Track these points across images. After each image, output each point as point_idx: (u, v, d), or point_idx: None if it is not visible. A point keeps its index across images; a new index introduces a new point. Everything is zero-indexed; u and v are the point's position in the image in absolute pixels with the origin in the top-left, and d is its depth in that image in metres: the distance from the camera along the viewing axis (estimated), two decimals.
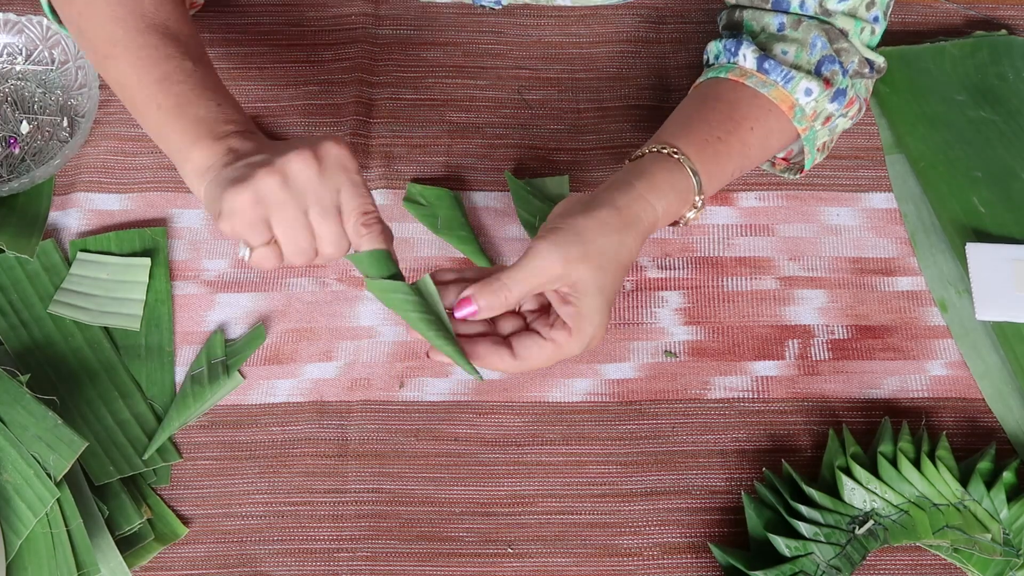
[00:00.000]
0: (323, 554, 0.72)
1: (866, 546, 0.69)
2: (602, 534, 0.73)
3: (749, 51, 0.76)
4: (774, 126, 0.76)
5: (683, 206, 0.71)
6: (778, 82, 0.75)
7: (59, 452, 0.67)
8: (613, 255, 0.66)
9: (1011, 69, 0.92)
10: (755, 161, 0.77)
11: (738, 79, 0.76)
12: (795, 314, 0.81)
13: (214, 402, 0.76)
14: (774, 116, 0.75)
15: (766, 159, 0.79)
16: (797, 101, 0.75)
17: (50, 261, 0.81)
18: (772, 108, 0.75)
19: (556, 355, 0.66)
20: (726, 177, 0.75)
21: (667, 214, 0.70)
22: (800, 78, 0.75)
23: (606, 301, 0.66)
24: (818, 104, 0.75)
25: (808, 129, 0.77)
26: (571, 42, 0.93)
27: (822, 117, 0.77)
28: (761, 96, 0.75)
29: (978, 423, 0.77)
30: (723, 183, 0.76)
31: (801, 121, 0.76)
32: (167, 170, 0.86)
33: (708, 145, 0.73)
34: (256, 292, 0.81)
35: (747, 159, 0.76)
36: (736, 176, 0.77)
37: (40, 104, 0.88)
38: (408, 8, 0.94)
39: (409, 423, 0.76)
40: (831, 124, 0.78)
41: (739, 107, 0.75)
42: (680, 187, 0.71)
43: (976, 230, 0.83)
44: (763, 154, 0.77)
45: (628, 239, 0.67)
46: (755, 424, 0.77)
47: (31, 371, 0.74)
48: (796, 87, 0.75)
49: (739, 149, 0.74)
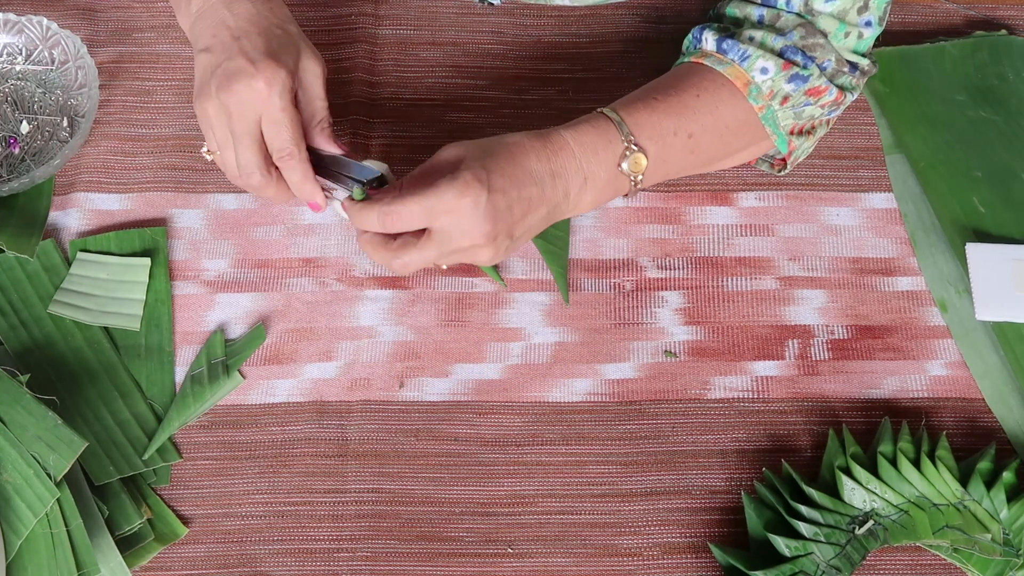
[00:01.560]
0: (323, 554, 0.72)
1: (866, 546, 0.69)
2: (602, 534, 0.73)
3: (710, 33, 0.76)
4: (725, 98, 0.74)
5: (604, 141, 0.71)
6: (735, 60, 0.74)
7: (59, 452, 0.67)
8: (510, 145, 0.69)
9: (1011, 69, 0.92)
10: (708, 129, 0.75)
11: (697, 60, 0.76)
12: (795, 314, 0.81)
13: (214, 402, 0.76)
14: (727, 90, 0.74)
15: (723, 133, 0.76)
16: (752, 79, 0.74)
17: (50, 261, 0.81)
18: (725, 82, 0.74)
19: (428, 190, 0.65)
20: (665, 132, 0.73)
21: (579, 140, 0.71)
22: (757, 57, 0.74)
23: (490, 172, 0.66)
24: (775, 84, 0.74)
25: (765, 108, 0.75)
26: (571, 42, 0.93)
27: (779, 96, 0.75)
28: (714, 71, 0.75)
29: (978, 423, 0.77)
30: (668, 143, 0.73)
31: (757, 99, 0.75)
32: (167, 170, 0.86)
33: (639, 102, 0.73)
34: (256, 292, 0.81)
35: (694, 123, 0.74)
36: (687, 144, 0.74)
37: (40, 104, 0.88)
38: (408, 8, 0.94)
39: (409, 423, 0.76)
40: (793, 106, 0.76)
41: (687, 78, 0.75)
42: (595, 122, 0.72)
43: (976, 230, 0.83)
44: (716, 124, 0.75)
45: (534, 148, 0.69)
46: (755, 424, 0.77)
47: (31, 371, 0.74)
48: (752, 65, 0.74)
49: (680, 109, 0.73)
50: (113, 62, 0.91)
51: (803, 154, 0.82)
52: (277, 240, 0.83)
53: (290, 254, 0.82)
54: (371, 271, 0.82)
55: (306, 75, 0.71)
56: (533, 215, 0.69)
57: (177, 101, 0.89)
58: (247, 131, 0.69)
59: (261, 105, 0.68)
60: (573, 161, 0.70)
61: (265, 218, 0.84)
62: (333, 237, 0.83)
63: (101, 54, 0.91)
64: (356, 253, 0.82)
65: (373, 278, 0.81)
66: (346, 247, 0.83)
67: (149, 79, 0.90)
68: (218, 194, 0.85)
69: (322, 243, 0.83)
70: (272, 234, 0.83)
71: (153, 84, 0.90)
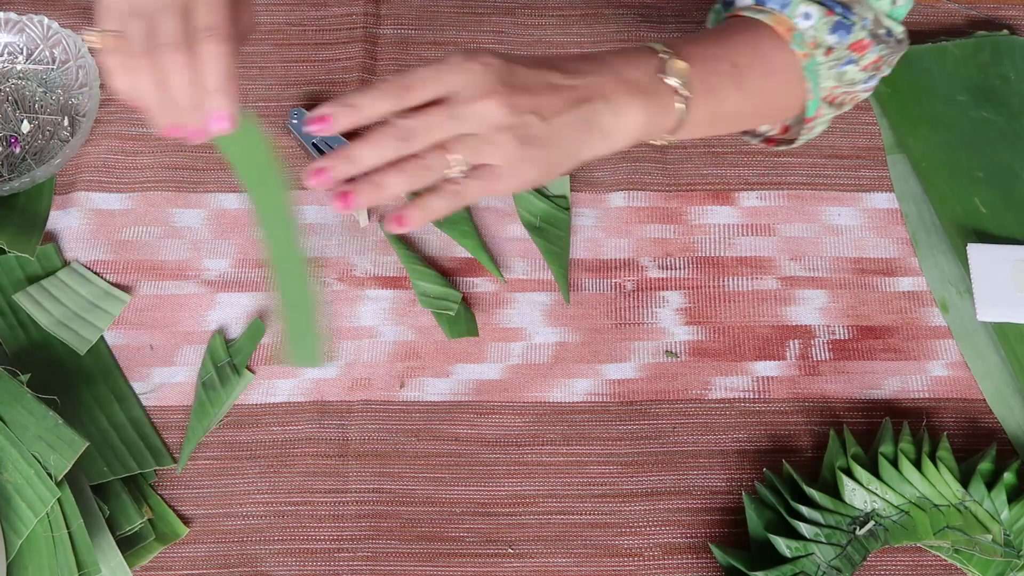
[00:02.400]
0: (323, 554, 0.72)
1: (867, 547, 0.69)
2: (603, 534, 0.73)
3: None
4: (767, 37, 0.70)
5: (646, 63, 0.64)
6: (775, 9, 0.70)
7: (60, 452, 0.67)
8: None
9: (1013, 69, 0.91)
10: (751, 64, 0.69)
11: (733, 14, 0.71)
12: (796, 314, 0.81)
13: (231, 403, 0.76)
14: (767, 33, 0.70)
15: (767, 72, 0.70)
16: (796, 25, 0.70)
17: (51, 265, 0.81)
18: (766, 29, 0.70)
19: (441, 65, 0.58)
20: (706, 57, 0.67)
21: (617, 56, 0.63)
22: (799, 3, 0.69)
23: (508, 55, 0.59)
24: (817, 32, 0.70)
25: (808, 57, 0.70)
26: (572, 42, 0.93)
27: (823, 47, 0.71)
28: (754, 20, 0.70)
29: (979, 424, 0.77)
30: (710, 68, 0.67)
31: (801, 46, 0.70)
32: (168, 170, 0.86)
33: (681, 39, 0.67)
34: (256, 292, 0.81)
35: (737, 55, 0.68)
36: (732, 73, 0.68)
37: (41, 103, 0.88)
38: (409, 7, 0.94)
39: (410, 423, 0.76)
40: (835, 63, 0.72)
41: (728, 29, 0.70)
42: (636, 49, 0.64)
43: (977, 230, 0.83)
44: (760, 61, 0.70)
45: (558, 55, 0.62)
46: (756, 424, 0.77)
47: (28, 372, 0.74)
48: (794, 11, 0.69)
49: (718, 41, 0.68)
50: None
51: (815, 133, 0.77)
52: None
53: None
54: (372, 271, 0.82)
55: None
56: (559, 98, 0.60)
57: None
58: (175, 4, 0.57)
59: None
60: (606, 65, 0.62)
61: None
62: (334, 237, 0.83)
63: None
64: (357, 253, 0.82)
65: (374, 278, 0.81)
66: (346, 247, 0.83)
67: None
68: (218, 194, 0.85)
69: (323, 243, 0.83)
70: None
71: None
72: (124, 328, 0.79)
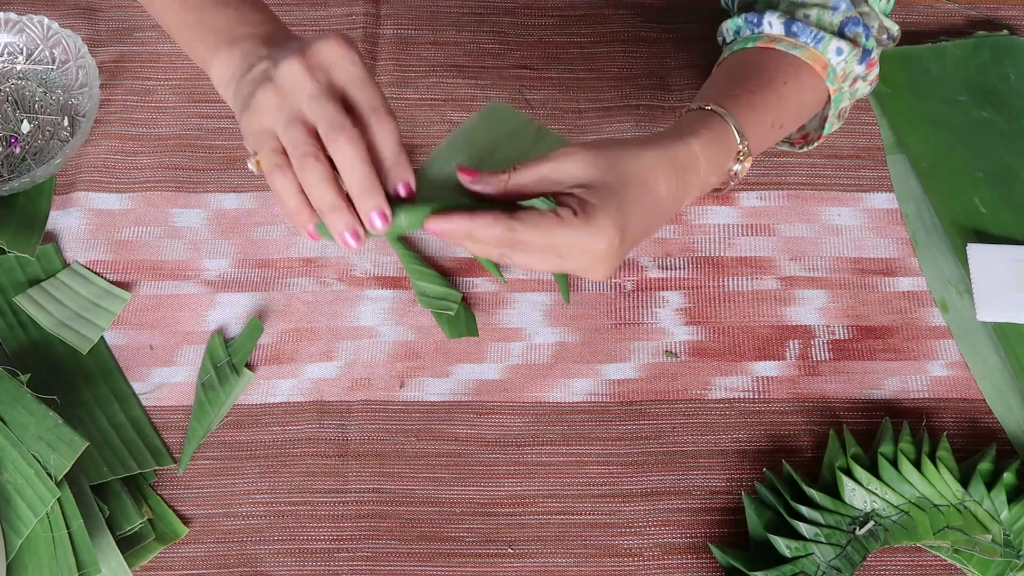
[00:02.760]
0: (323, 554, 0.72)
1: (866, 547, 0.69)
2: (602, 534, 0.73)
3: (774, 18, 0.73)
4: (807, 80, 0.72)
5: (725, 151, 0.67)
6: (808, 43, 0.72)
7: (60, 452, 0.67)
8: (631, 164, 0.60)
9: (1013, 69, 0.92)
10: (793, 116, 0.73)
11: (766, 45, 0.73)
12: (796, 314, 0.81)
13: (232, 402, 0.76)
14: (806, 72, 0.72)
15: (803, 117, 0.75)
16: (829, 61, 0.72)
17: (51, 265, 0.81)
18: (803, 65, 0.72)
19: (555, 230, 0.57)
20: (766, 129, 0.70)
21: (706, 154, 0.65)
22: (830, 39, 0.72)
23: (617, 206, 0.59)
24: (847, 65, 0.73)
25: (838, 91, 0.74)
26: (571, 42, 0.93)
27: (850, 78, 0.74)
28: (791, 56, 0.72)
29: (979, 424, 0.77)
30: (765, 137, 0.71)
31: (833, 81, 0.73)
32: (168, 169, 0.86)
33: (740, 99, 0.69)
34: (256, 292, 0.81)
35: (785, 112, 0.72)
36: (777, 132, 0.72)
37: (41, 103, 0.88)
38: (409, 7, 0.94)
39: (409, 423, 0.76)
40: (854, 88, 0.76)
41: (768, 66, 0.72)
42: (717, 128, 0.66)
43: (977, 230, 0.83)
44: (800, 110, 0.73)
45: (651, 157, 0.62)
46: (755, 424, 0.77)
47: (28, 372, 0.74)
48: (827, 47, 0.72)
49: (775, 101, 0.71)
50: (114, 61, 0.91)
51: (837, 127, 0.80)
52: (277, 240, 0.83)
53: (290, 254, 0.82)
54: (371, 271, 0.82)
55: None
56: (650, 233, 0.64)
57: (178, 100, 0.89)
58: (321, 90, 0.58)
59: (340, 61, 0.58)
60: (697, 176, 0.65)
61: (266, 218, 0.84)
62: None
63: (102, 53, 0.91)
64: (356, 253, 0.82)
65: (373, 278, 0.81)
66: None
67: (150, 78, 0.90)
68: (218, 194, 0.85)
69: (322, 243, 0.83)
70: (272, 234, 0.83)
71: (154, 83, 0.90)
72: (124, 328, 0.80)
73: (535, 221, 0.58)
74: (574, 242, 0.58)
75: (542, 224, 0.57)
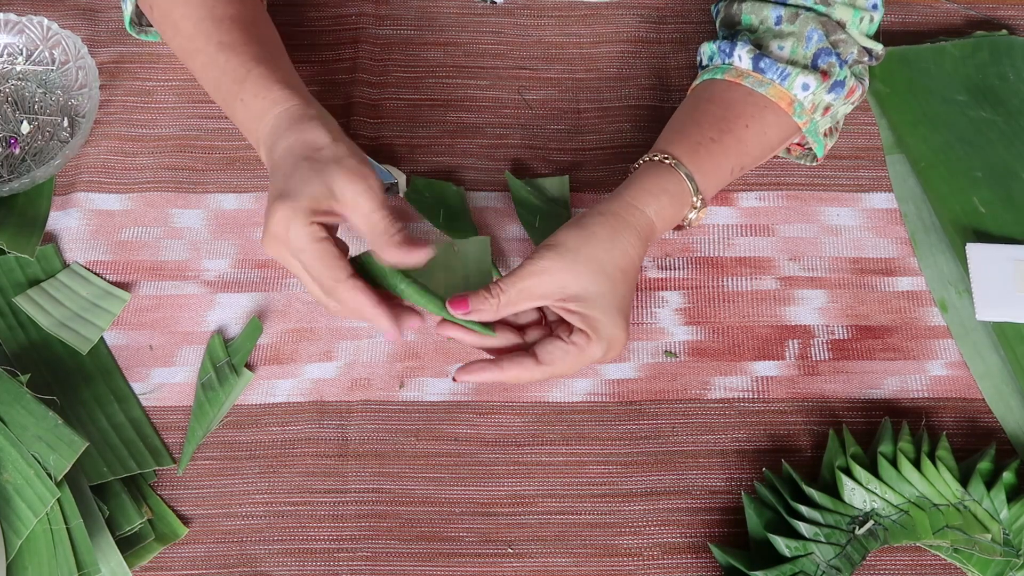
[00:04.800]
0: (323, 554, 0.72)
1: (866, 546, 0.69)
2: (602, 534, 0.73)
3: (744, 51, 0.76)
4: (771, 121, 0.76)
5: (680, 208, 0.73)
6: (775, 80, 0.75)
7: (59, 452, 0.67)
8: (607, 260, 0.68)
9: (1012, 69, 0.92)
10: (756, 157, 0.77)
11: (734, 80, 0.76)
12: (795, 314, 0.81)
13: (231, 403, 0.76)
14: (771, 111, 0.76)
15: (768, 154, 0.79)
16: (795, 97, 0.75)
17: (50, 266, 0.81)
18: (768, 104, 0.76)
19: (580, 358, 0.67)
20: (724, 175, 0.75)
21: (662, 217, 0.71)
22: (796, 74, 0.75)
23: (614, 305, 0.67)
24: (815, 97, 0.76)
25: (808, 122, 0.77)
26: (571, 42, 0.93)
27: (821, 108, 0.77)
28: (757, 94, 0.75)
29: (978, 423, 0.77)
30: (723, 181, 0.76)
31: (801, 116, 0.76)
32: (167, 170, 0.86)
33: (701, 147, 0.74)
34: (256, 292, 0.81)
35: (746, 156, 0.76)
36: (738, 173, 0.77)
37: (40, 104, 0.88)
38: (408, 8, 0.94)
39: (409, 423, 0.76)
40: (831, 112, 0.78)
41: (734, 107, 0.75)
42: (673, 189, 0.72)
43: (976, 230, 0.83)
44: (763, 150, 0.78)
45: (621, 243, 0.69)
46: (755, 424, 0.77)
47: (28, 372, 0.74)
48: (793, 83, 0.75)
49: (735, 147, 0.75)
50: (113, 62, 0.91)
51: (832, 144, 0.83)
52: None
53: None
54: None
55: (346, 195, 0.65)
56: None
57: (177, 101, 0.89)
58: (298, 270, 0.66)
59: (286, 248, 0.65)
60: (656, 235, 0.72)
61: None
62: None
63: (101, 54, 0.91)
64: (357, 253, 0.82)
65: None
66: None
67: (149, 79, 0.90)
68: (218, 194, 0.85)
69: None
70: None
71: (153, 84, 0.90)
72: (124, 328, 0.80)
73: (561, 359, 0.67)
74: (595, 356, 0.67)
75: (568, 359, 0.67)
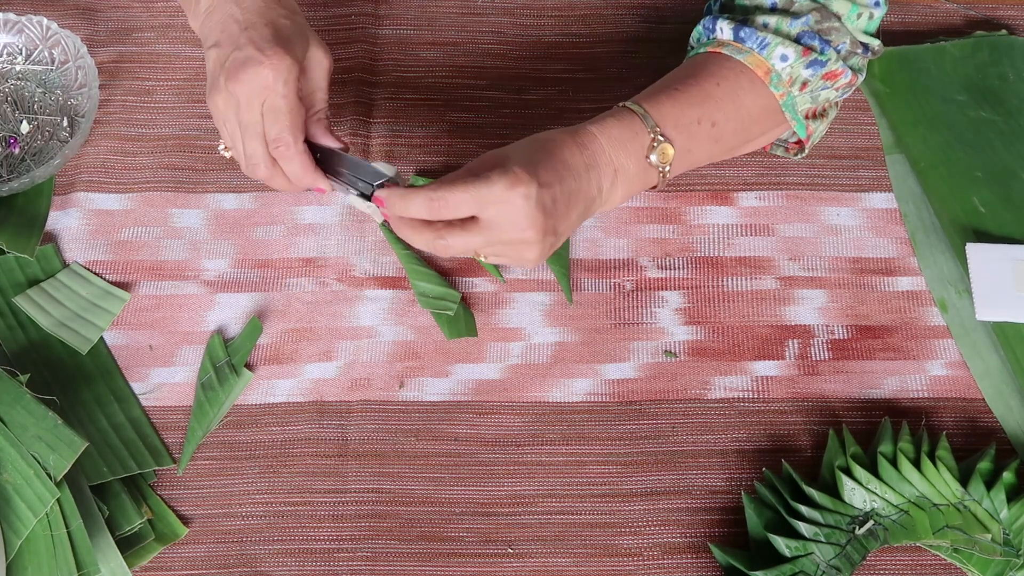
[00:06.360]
0: (323, 554, 0.72)
1: (866, 546, 0.69)
2: (602, 534, 0.73)
3: (724, 23, 0.75)
4: (746, 86, 0.74)
5: (631, 132, 0.70)
6: (753, 48, 0.74)
7: (59, 452, 0.67)
8: (543, 140, 0.68)
9: (1011, 69, 0.92)
10: (727, 116, 0.74)
11: (714, 50, 0.75)
12: (795, 314, 0.81)
13: (231, 403, 0.76)
14: (746, 78, 0.74)
15: (745, 121, 0.76)
16: (773, 67, 0.73)
17: (50, 266, 0.81)
18: (744, 70, 0.74)
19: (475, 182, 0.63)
20: (689, 122, 0.72)
21: (607, 135, 0.70)
22: (776, 44, 0.73)
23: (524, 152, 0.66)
24: (793, 70, 0.74)
25: (785, 95, 0.75)
26: (571, 42, 0.93)
27: (798, 83, 0.75)
28: (733, 60, 0.74)
29: (978, 423, 0.77)
30: (693, 133, 0.73)
31: (778, 87, 0.74)
32: (167, 170, 0.86)
33: (662, 93, 0.73)
34: (256, 292, 0.81)
35: (717, 112, 0.73)
36: (713, 133, 0.74)
37: (40, 104, 0.88)
38: (408, 8, 0.94)
39: (409, 423, 0.76)
40: (811, 91, 0.76)
41: (706, 68, 0.74)
42: (621, 115, 0.71)
43: (976, 230, 0.83)
44: (738, 112, 0.75)
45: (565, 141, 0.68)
46: (755, 424, 0.77)
47: (28, 372, 0.74)
48: (772, 53, 0.73)
49: (701, 99, 0.73)
50: (113, 62, 0.91)
51: (818, 136, 0.81)
52: (277, 240, 0.83)
53: (290, 254, 0.82)
54: (371, 271, 0.82)
55: (312, 65, 0.71)
56: (574, 210, 0.68)
57: (177, 101, 0.89)
58: (254, 120, 0.68)
59: (266, 92, 0.67)
60: (603, 154, 0.69)
61: (265, 218, 0.84)
62: (333, 237, 0.83)
63: (101, 54, 0.91)
64: (356, 253, 0.82)
65: (373, 278, 0.81)
66: (346, 247, 0.83)
67: (149, 79, 0.90)
68: (218, 194, 0.85)
69: (322, 243, 0.83)
70: (272, 234, 0.83)
71: (153, 84, 0.90)
72: (124, 328, 0.80)
73: (452, 178, 0.64)
74: (493, 192, 0.63)
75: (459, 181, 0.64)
